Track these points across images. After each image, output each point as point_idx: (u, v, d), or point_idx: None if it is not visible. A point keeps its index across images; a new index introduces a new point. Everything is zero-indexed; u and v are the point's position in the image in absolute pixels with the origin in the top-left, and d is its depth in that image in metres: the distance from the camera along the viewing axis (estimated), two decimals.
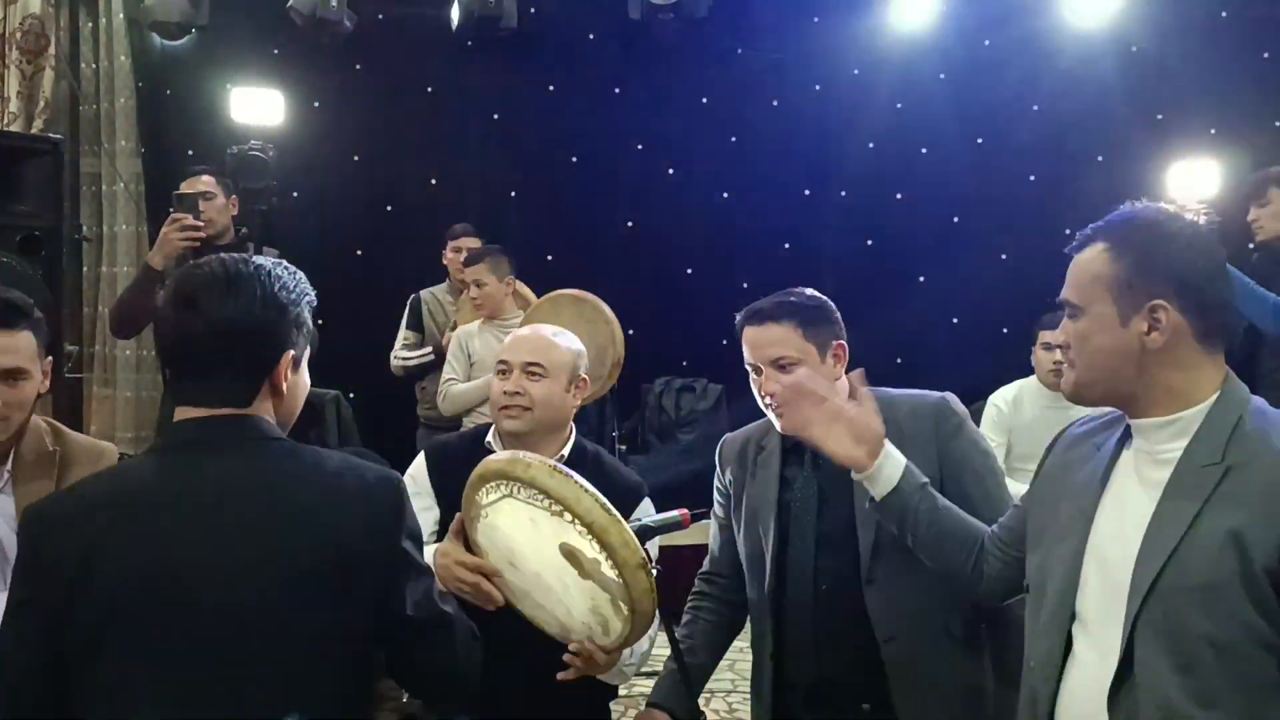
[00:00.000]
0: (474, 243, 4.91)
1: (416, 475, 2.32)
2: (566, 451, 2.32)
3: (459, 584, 1.95)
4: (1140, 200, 1.61)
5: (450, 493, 2.16)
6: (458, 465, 2.16)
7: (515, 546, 1.91)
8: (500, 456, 1.88)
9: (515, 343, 2.34)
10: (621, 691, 2.40)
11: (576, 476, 1.76)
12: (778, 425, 2.16)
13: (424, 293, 5.00)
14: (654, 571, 1.84)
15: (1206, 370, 1.50)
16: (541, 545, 1.85)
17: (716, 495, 2.37)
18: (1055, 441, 1.75)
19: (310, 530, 1.44)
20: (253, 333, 1.49)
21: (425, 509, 2.20)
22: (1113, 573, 1.48)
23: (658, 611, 1.86)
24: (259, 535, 1.42)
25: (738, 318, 2.26)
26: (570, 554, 1.80)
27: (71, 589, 1.39)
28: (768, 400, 2.17)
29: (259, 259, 1.54)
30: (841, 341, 2.20)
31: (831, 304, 2.23)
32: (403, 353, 4.91)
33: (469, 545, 2.00)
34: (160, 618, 1.39)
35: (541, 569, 1.88)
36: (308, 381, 1.61)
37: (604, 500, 1.74)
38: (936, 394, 2.22)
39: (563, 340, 2.35)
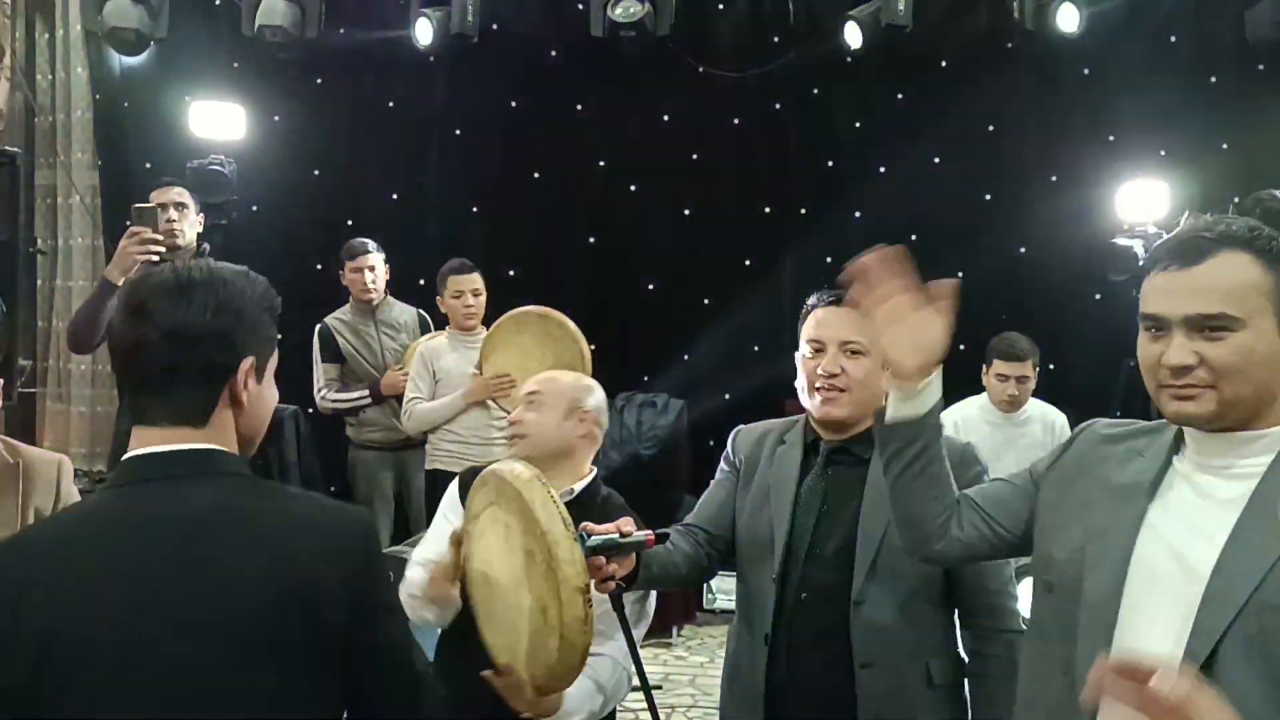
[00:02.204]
0: (379, 259, 4.86)
1: (452, 499, 2.41)
2: (578, 487, 2.35)
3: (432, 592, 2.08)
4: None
5: None
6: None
7: (492, 558, 1.90)
8: (497, 463, 1.91)
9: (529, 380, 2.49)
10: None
11: (551, 490, 1.76)
12: (819, 410, 2.16)
13: (330, 321, 4.82)
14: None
15: None
16: (510, 558, 1.84)
17: (722, 468, 2.35)
18: (1076, 437, 1.70)
19: (272, 576, 1.37)
20: (206, 338, 1.42)
21: (449, 525, 2.33)
22: (1174, 584, 1.45)
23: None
24: (216, 580, 1.36)
25: (812, 299, 2.22)
26: (527, 568, 1.78)
27: (7, 630, 1.31)
28: (825, 382, 2.14)
29: (217, 264, 1.49)
30: None
31: None
32: (331, 393, 4.72)
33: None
34: (106, 664, 1.32)
35: (506, 584, 1.87)
36: (275, 395, 1.54)
37: (566, 515, 1.73)
38: (961, 440, 2.24)
39: (568, 376, 2.49)
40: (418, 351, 4.55)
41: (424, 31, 5.58)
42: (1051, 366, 4.89)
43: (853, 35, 5.53)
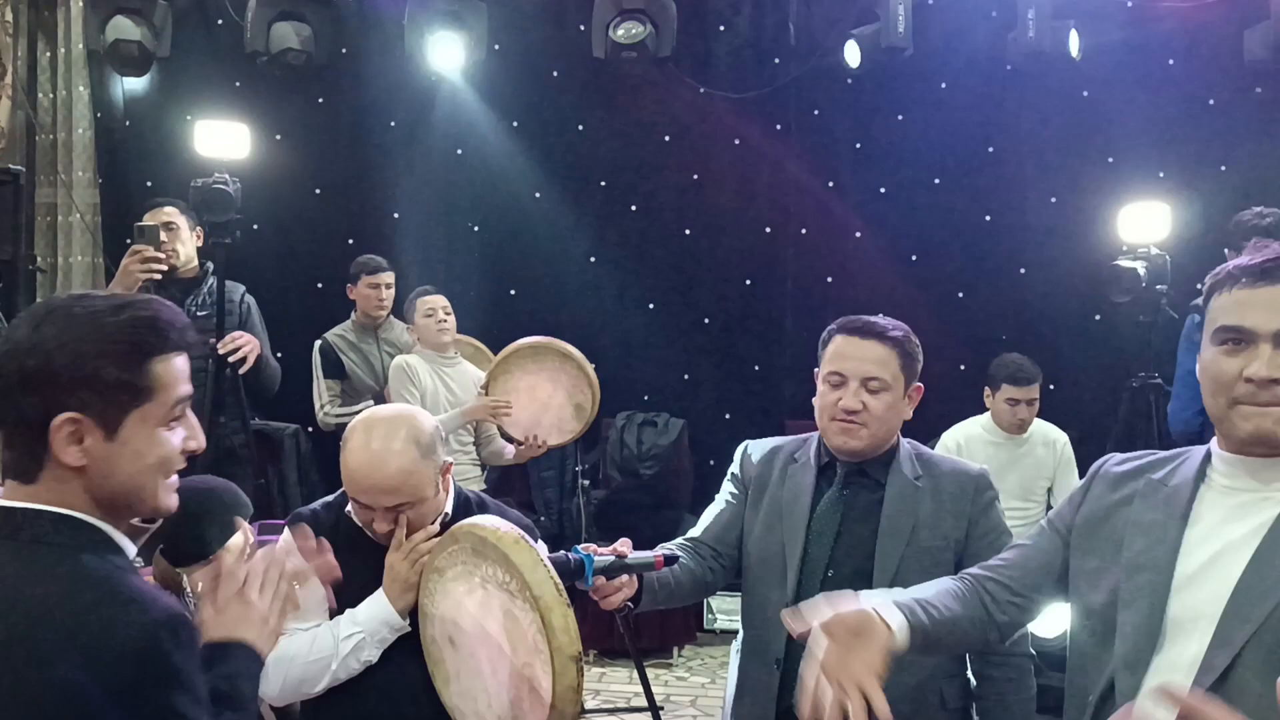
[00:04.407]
0: (393, 277, 4.84)
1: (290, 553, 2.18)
2: (448, 508, 2.15)
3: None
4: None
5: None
6: (328, 536, 2.07)
7: (460, 619, 1.86)
8: (470, 521, 1.85)
9: (367, 487, 2.06)
10: None
11: (539, 552, 1.72)
12: (834, 440, 2.15)
13: (331, 337, 4.76)
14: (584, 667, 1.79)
15: None
16: (486, 620, 1.80)
17: (729, 484, 2.32)
18: (1092, 480, 1.69)
19: (23, 679, 1.20)
20: (12, 389, 1.27)
21: (311, 586, 2.04)
22: (1203, 602, 1.46)
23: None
24: None
25: (834, 324, 2.21)
26: (509, 632, 1.74)
27: None
28: (845, 417, 2.12)
29: (60, 301, 1.33)
30: (920, 386, 2.21)
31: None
32: (334, 409, 4.65)
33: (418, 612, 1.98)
34: None
35: (477, 648, 1.83)
36: (157, 449, 1.34)
37: (558, 579, 1.69)
38: (976, 465, 2.25)
39: (406, 457, 2.04)
40: (398, 365, 4.44)
41: (449, 58, 5.57)
42: (1052, 387, 4.89)
43: (852, 55, 5.56)
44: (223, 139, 4.13)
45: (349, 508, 2.16)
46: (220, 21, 6.00)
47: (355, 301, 4.84)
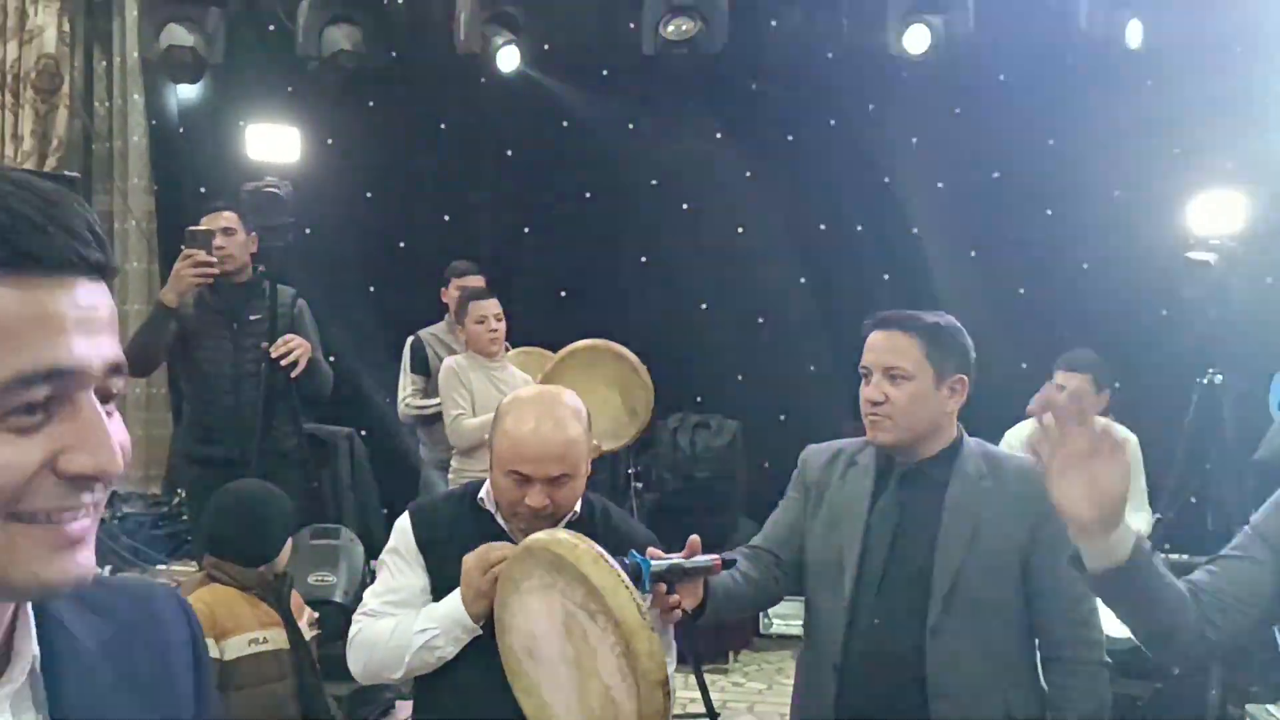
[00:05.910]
0: (479, 280, 4.84)
1: (402, 540, 2.13)
2: (577, 508, 2.12)
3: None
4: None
5: (439, 557, 2.07)
6: (446, 528, 2.10)
7: (539, 633, 1.82)
8: (547, 535, 1.80)
9: (535, 454, 2.00)
10: None
11: (620, 570, 1.68)
12: (870, 435, 2.14)
13: (423, 334, 4.85)
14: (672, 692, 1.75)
15: None
16: (565, 639, 1.77)
17: (791, 490, 2.30)
18: None
19: None
20: None
21: (415, 577, 2.09)
22: None
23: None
24: None
25: (867, 322, 2.20)
26: (589, 653, 1.71)
27: None
28: (869, 409, 2.11)
29: None
30: (964, 377, 2.13)
31: (967, 339, 2.16)
32: (415, 400, 4.74)
33: (493, 619, 1.93)
34: None
35: (557, 665, 1.80)
36: None
37: (640, 601, 1.66)
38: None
39: (573, 428, 2.05)
40: (448, 367, 4.38)
41: (508, 59, 5.58)
42: (1118, 385, 4.75)
43: (919, 43, 5.38)
44: (273, 143, 4.13)
45: (481, 494, 2.13)
46: (272, 27, 6.02)
47: (448, 304, 4.89)
